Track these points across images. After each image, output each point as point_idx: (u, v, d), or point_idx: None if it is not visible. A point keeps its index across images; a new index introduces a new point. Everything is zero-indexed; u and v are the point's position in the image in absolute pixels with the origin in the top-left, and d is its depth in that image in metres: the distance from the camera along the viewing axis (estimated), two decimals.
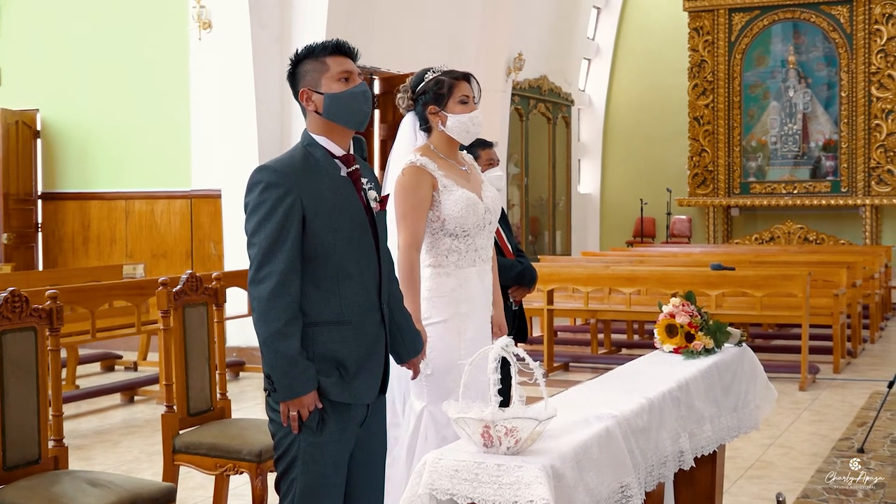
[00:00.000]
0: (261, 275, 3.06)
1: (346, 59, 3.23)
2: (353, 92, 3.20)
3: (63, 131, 12.05)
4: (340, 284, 3.15)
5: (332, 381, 3.12)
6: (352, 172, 3.24)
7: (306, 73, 3.22)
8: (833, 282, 9.80)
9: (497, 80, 14.62)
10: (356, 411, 3.21)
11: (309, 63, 3.22)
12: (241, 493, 5.33)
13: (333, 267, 3.14)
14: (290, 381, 3.05)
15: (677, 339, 4.11)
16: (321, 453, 3.14)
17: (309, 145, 3.22)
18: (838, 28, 17.27)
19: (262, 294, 3.05)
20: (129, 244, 11.65)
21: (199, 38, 10.68)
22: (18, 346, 3.66)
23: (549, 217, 17.72)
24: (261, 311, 3.06)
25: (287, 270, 3.06)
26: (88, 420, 7.84)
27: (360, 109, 3.21)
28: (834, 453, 6.43)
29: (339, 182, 3.20)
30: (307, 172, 3.14)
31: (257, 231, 3.08)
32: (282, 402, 3.09)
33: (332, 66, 3.20)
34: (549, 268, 10.21)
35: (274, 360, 3.05)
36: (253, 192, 3.12)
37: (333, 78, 3.20)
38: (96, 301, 7.97)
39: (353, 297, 3.17)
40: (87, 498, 3.47)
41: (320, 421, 3.12)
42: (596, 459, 2.84)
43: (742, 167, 18.04)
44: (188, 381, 4.44)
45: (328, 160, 3.21)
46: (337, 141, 3.24)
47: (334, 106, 3.19)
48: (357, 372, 3.17)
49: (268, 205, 3.08)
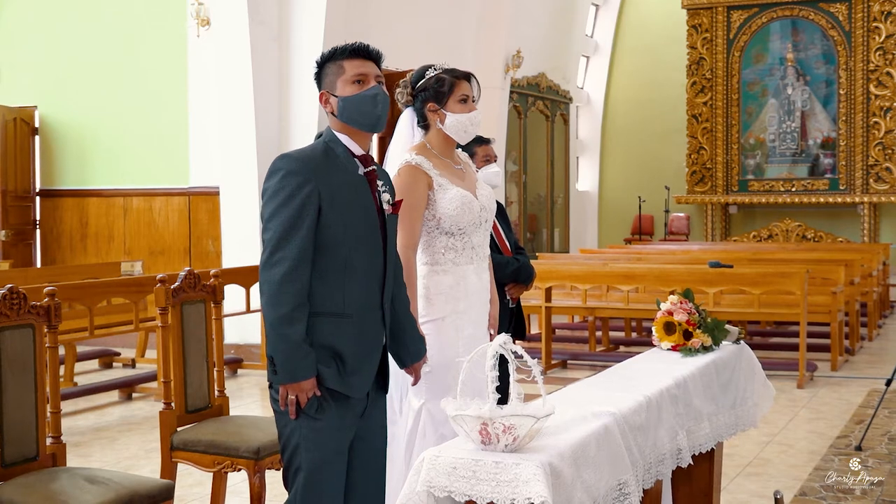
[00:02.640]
0: (274, 259, 3.11)
1: (364, 62, 3.28)
2: (364, 95, 3.25)
3: (61, 128, 12.04)
4: (345, 278, 3.20)
5: (330, 371, 3.17)
6: (368, 172, 3.30)
7: (326, 75, 3.30)
8: (831, 279, 9.80)
9: (495, 77, 14.62)
10: (355, 402, 3.25)
11: (330, 66, 3.30)
12: (239, 491, 5.34)
13: (340, 260, 3.19)
14: (292, 365, 3.10)
15: (675, 337, 4.12)
16: (322, 439, 3.18)
17: (331, 141, 3.29)
18: (837, 25, 17.27)
19: (274, 278, 3.10)
20: (127, 241, 11.64)
21: (197, 36, 10.67)
22: (16, 343, 3.65)
23: (547, 214, 17.72)
24: (270, 295, 3.11)
25: (300, 257, 3.11)
26: (86, 417, 7.84)
27: (371, 112, 3.26)
28: (832, 451, 6.43)
29: (356, 179, 3.26)
30: (327, 165, 3.21)
31: (274, 216, 3.14)
32: (281, 385, 3.14)
33: (347, 69, 3.27)
34: (547, 265, 10.21)
35: (278, 343, 3.10)
36: (273, 178, 3.17)
37: (348, 81, 3.26)
38: (94, 298, 7.97)
39: (356, 292, 3.22)
40: (85, 495, 3.47)
41: (319, 407, 3.17)
42: (594, 457, 2.85)
43: (740, 165, 18.06)
44: (186, 379, 4.43)
45: (348, 157, 3.27)
46: (357, 140, 3.31)
47: (347, 108, 3.26)
48: (354, 367, 3.21)
49: (287, 191, 3.13)
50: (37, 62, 12.10)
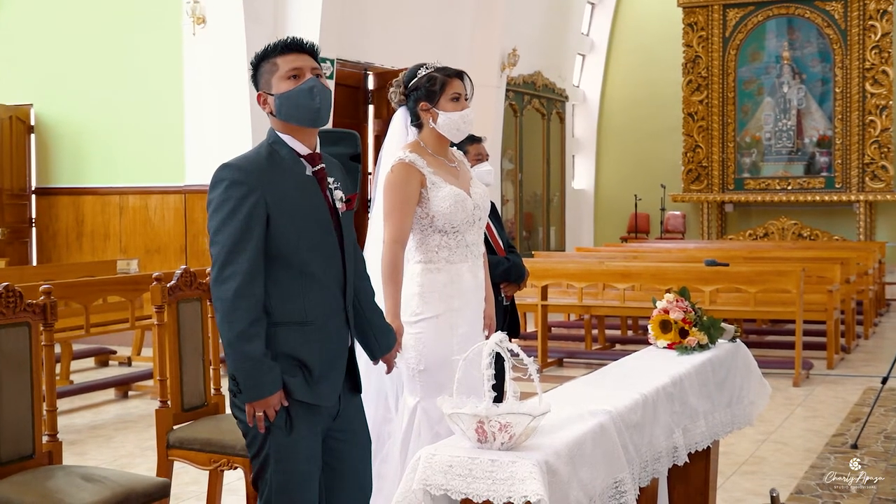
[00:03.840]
0: (224, 274, 3.00)
1: (298, 56, 3.16)
2: (300, 89, 3.12)
3: (57, 126, 12.03)
4: (304, 286, 3.10)
5: (296, 381, 3.08)
6: (317, 171, 3.18)
7: (261, 75, 3.19)
8: (827, 278, 9.81)
9: (491, 75, 14.62)
10: (325, 408, 3.18)
11: (264, 65, 3.18)
12: (236, 489, 5.33)
13: (296, 267, 3.09)
14: (256, 382, 3.01)
15: (671, 335, 4.12)
16: (293, 451, 3.10)
17: (274, 143, 3.16)
18: (833, 24, 17.29)
19: (227, 294, 2.99)
20: (122, 239, 11.63)
21: (192, 33, 10.66)
22: (12, 342, 3.65)
23: (543, 213, 17.73)
24: (224, 312, 3.00)
25: (251, 270, 3.00)
26: (82, 415, 7.83)
27: (309, 106, 3.13)
28: (828, 449, 6.44)
29: (304, 181, 3.14)
30: (272, 170, 3.09)
31: (221, 229, 3.04)
32: (247, 403, 3.05)
33: (281, 66, 3.15)
34: (543, 263, 10.21)
35: (239, 362, 3.01)
36: (216, 189, 3.07)
37: (283, 77, 3.14)
38: (90, 296, 7.96)
39: (316, 298, 3.12)
40: (81, 493, 3.46)
41: (287, 418, 3.09)
42: (590, 455, 2.85)
43: (736, 163, 18.07)
44: (182, 377, 4.43)
45: (293, 159, 3.15)
46: (302, 139, 3.18)
47: (284, 105, 3.13)
48: (321, 374, 3.12)
49: (231, 203, 3.03)
50: (32, 60, 12.08)
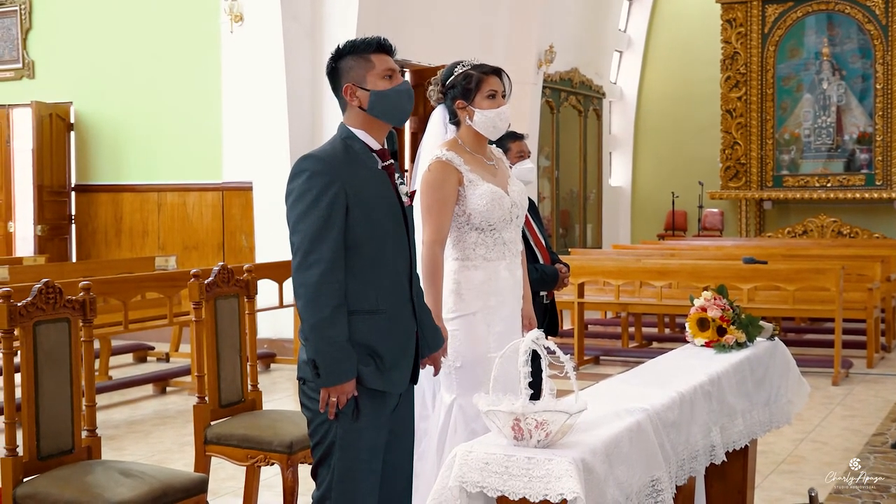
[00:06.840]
0: (308, 261, 3.09)
1: (388, 57, 3.28)
2: (399, 90, 3.26)
3: (96, 124, 12.13)
4: (376, 274, 3.19)
5: (369, 370, 3.16)
6: (388, 166, 3.29)
7: (349, 68, 3.26)
8: (867, 276, 9.71)
9: (528, 72, 14.58)
10: (390, 398, 3.25)
11: (352, 59, 3.26)
12: (272, 484, 5.36)
13: (370, 257, 3.18)
14: (336, 367, 3.09)
15: (709, 333, 4.09)
16: (358, 439, 3.18)
17: (347, 138, 3.26)
18: (874, 19, 17.09)
19: (311, 280, 3.08)
20: (161, 236, 11.72)
21: (230, 31, 10.72)
22: (52, 337, 3.69)
23: (579, 210, 17.66)
24: (308, 298, 3.09)
25: (333, 258, 3.10)
26: (121, 410, 7.90)
27: (403, 107, 3.29)
28: (867, 448, 6.38)
29: (377, 174, 3.25)
30: (348, 163, 3.19)
31: (303, 218, 3.12)
32: (323, 388, 3.11)
33: (377, 64, 3.25)
34: (579, 261, 10.18)
35: (322, 346, 3.09)
36: (297, 179, 3.15)
37: (379, 75, 3.24)
38: (129, 293, 8.02)
39: (387, 287, 3.21)
40: (119, 488, 3.49)
41: (355, 408, 3.16)
42: (626, 453, 2.84)
43: (775, 160, 17.90)
44: (220, 373, 4.46)
45: (367, 153, 3.26)
46: (375, 135, 3.29)
47: (380, 103, 3.24)
48: (392, 362, 3.21)
49: (313, 193, 3.11)
50: (72, 58, 12.19)
